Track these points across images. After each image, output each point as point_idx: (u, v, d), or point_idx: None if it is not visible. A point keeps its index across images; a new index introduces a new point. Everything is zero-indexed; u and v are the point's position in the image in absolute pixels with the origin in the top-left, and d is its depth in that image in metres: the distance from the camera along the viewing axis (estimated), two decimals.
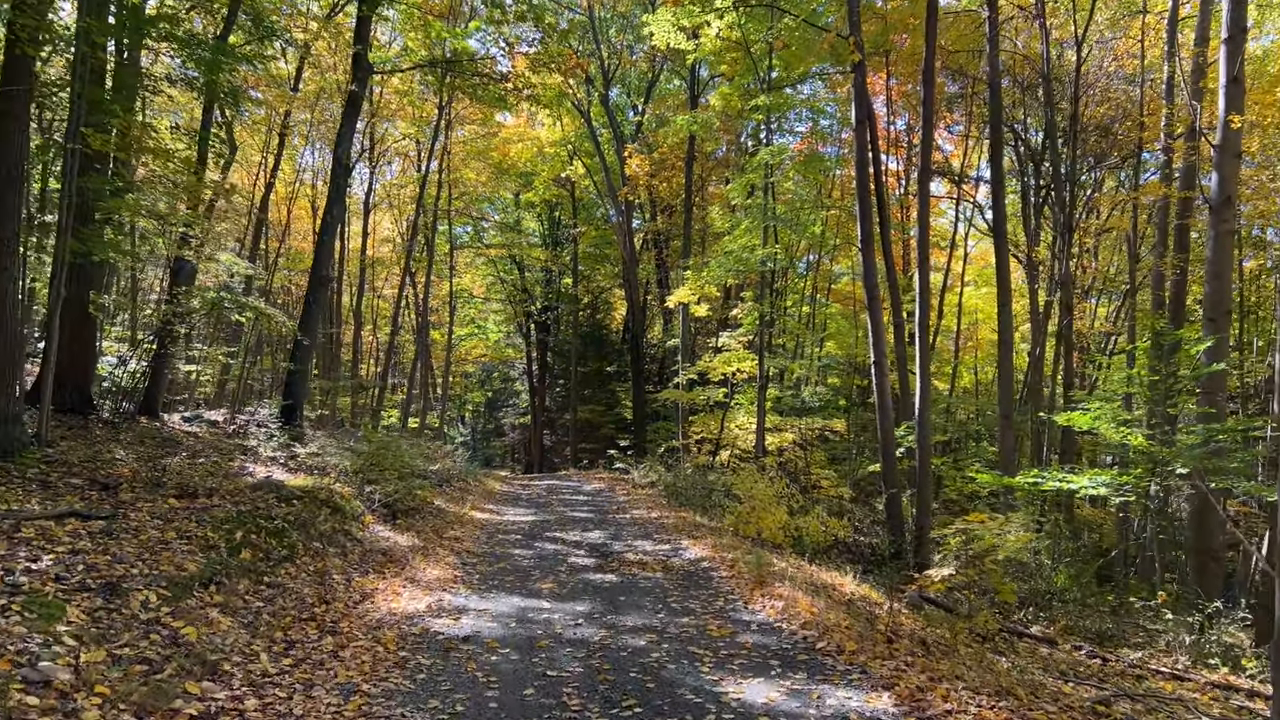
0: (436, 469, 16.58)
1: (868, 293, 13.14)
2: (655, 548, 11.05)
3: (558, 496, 17.97)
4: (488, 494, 17.84)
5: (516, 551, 10.57)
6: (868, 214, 13.37)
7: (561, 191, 35.32)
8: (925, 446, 12.83)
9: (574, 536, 11.93)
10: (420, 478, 14.98)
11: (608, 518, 14.24)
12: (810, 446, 21.19)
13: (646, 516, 14.28)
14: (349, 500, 10.66)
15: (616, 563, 9.94)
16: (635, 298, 29.70)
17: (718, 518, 14.19)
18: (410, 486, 12.69)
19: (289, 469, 12.40)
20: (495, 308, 43.58)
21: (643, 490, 18.53)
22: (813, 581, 9.15)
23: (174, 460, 11.21)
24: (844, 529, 12.67)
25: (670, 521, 13.40)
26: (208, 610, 6.11)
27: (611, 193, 29.30)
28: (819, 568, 11.07)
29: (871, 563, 12.54)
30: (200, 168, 18.94)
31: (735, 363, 19.49)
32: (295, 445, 13.62)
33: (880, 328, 13.22)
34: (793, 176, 20.33)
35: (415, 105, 28.56)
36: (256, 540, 7.97)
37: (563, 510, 15.31)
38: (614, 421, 35.10)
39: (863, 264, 13.30)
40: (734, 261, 18.27)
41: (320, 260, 18.24)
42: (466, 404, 55.53)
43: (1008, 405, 15.94)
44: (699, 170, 28.38)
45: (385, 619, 6.94)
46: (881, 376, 13.01)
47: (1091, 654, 10.16)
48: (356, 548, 9.32)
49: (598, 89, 28.54)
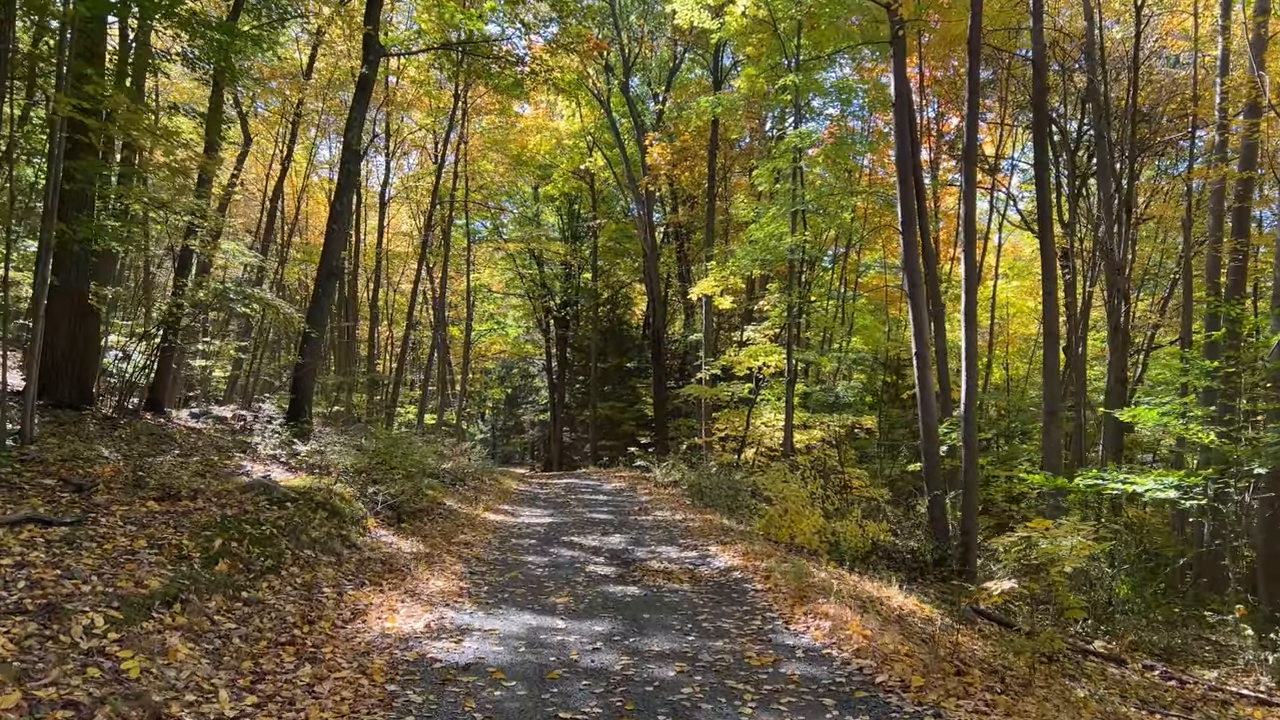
0: (449, 468, 15.71)
1: (908, 278, 12.11)
2: (681, 555, 10.09)
3: (577, 496, 17.05)
4: (503, 494, 16.94)
5: (530, 558, 9.64)
6: (909, 192, 12.33)
7: (581, 184, 34.41)
8: (971, 445, 11.79)
9: (593, 541, 10.99)
10: (431, 477, 14.11)
11: (629, 520, 13.29)
12: (839, 444, 20.14)
13: (670, 519, 13.32)
14: (350, 502, 9.77)
15: (639, 572, 8.99)
16: (656, 291, 28.73)
17: (746, 520, 13.20)
18: (418, 486, 11.81)
19: (289, 468, 11.54)
20: (514, 302, 42.75)
21: (665, 490, 17.56)
22: (857, 595, 8.15)
23: (164, 459, 10.38)
24: (883, 533, 11.66)
25: (696, 524, 12.43)
26: (166, 635, 5.21)
27: (632, 184, 28.34)
28: (860, 577, 10.07)
29: (914, 570, 11.53)
30: (209, 155, 18.24)
31: (762, 356, 18.49)
32: (296, 443, 12.77)
33: (923, 316, 12.19)
34: (821, 163, 19.28)
35: (432, 96, 27.74)
36: (238, 549, 7.08)
37: (581, 511, 14.38)
38: (634, 418, 34.17)
39: (903, 248, 12.28)
40: (760, 251, 17.25)
41: (330, 250, 17.41)
42: (486, 401, 54.81)
43: (1053, 401, 14.84)
44: (721, 160, 27.37)
45: (376, 642, 6.02)
46: (924, 369, 11.98)
47: (1165, 674, 9.11)
48: (354, 555, 8.42)
49: (617, 77, 27.57)
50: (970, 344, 11.86)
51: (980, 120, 28.67)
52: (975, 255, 12.03)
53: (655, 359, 29.42)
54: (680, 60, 29.45)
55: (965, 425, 11.81)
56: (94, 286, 14.87)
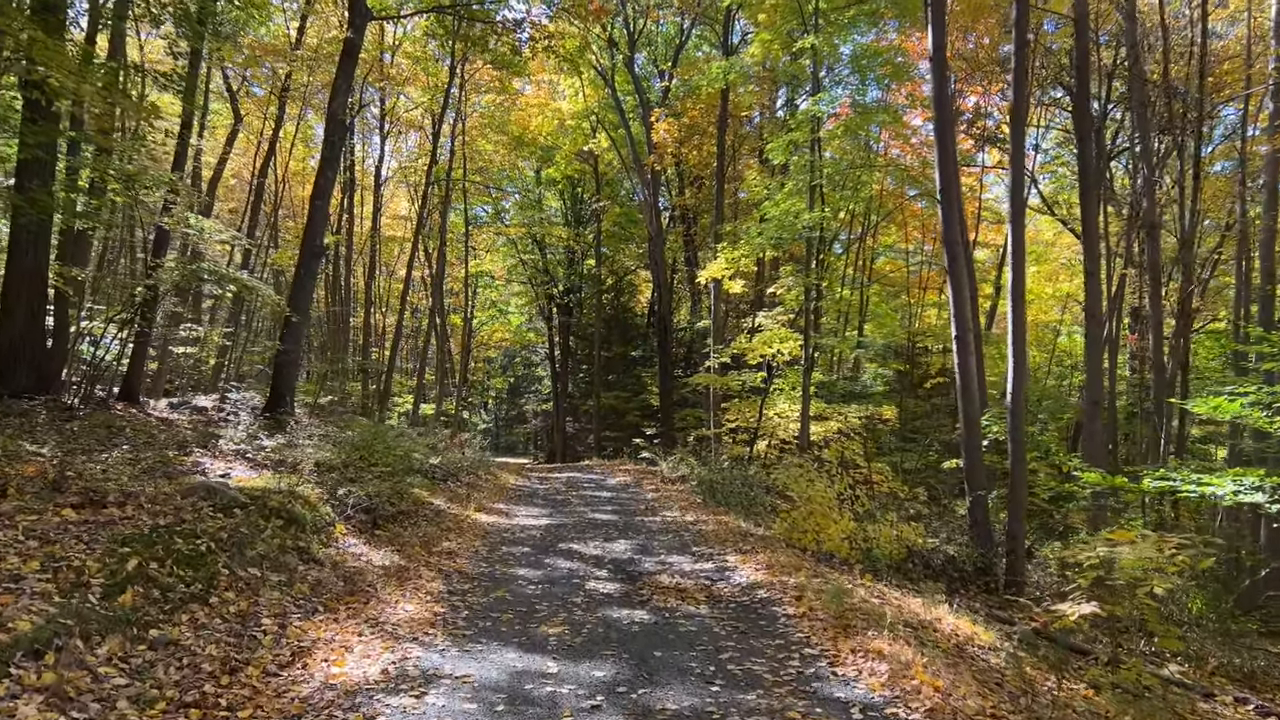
0: (438, 462, 14.34)
1: (948, 252, 10.68)
2: (695, 566, 8.71)
3: (578, 493, 15.69)
4: (499, 490, 15.59)
5: (521, 572, 8.26)
6: (948, 155, 10.89)
7: (584, 166, 32.93)
8: (1019, 438, 10.38)
9: (594, 549, 9.62)
10: (418, 474, 12.75)
11: (634, 521, 11.92)
12: (856, 436, 18.76)
13: (680, 520, 11.95)
14: (315, 506, 8.41)
15: (648, 590, 7.62)
16: (662, 276, 27.29)
17: (765, 523, 11.83)
18: (400, 485, 10.43)
19: (254, 464, 10.19)
20: (516, 289, 41.34)
21: (673, 486, 16.20)
22: (906, 619, 6.78)
23: (109, 456, 9.03)
24: (918, 536, 10.29)
25: (709, 528, 11.06)
26: (18, 703, 3.85)
27: (637, 164, 26.86)
28: (901, 592, 8.71)
29: (955, 580, 10.16)
30: (185, 131, 16.84)
31: (776, 343, 17.07)
32: (262, 437, 11.41)
33: (964, 293, 10.76)
34: (840, 135, 17.83)
35: (430, 72, 26.29)
36: (158, 571, 5.72)
37: (583, 511, 13.01)
38: (639, 408, 32.78)
39: (941, 219, 10.86)
40: (776, 229, 15.81)
41: (313, 228, 16.04)
42: (489, 390, 53.50)
43: (1096, 390, 13.41)
44: (730, 139, 25.86)
45: (314, 698, 4.65)
46: (966, 354, 10.57)
47: (1263, 710, 7.72)
48: (311, 573, 7.05)
49: (622, 51, 26.07)
50: (1018, 326, 10.46)
51: (1000, 98, 27.27)
52: (1024, 228, 10.58)
53: (661, 347, 28.00)
54: (688, 35, 27.94)
55: (1012, 417, 10.40)
56: (58, 267, 13.57)
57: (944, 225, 10.85)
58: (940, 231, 11.44)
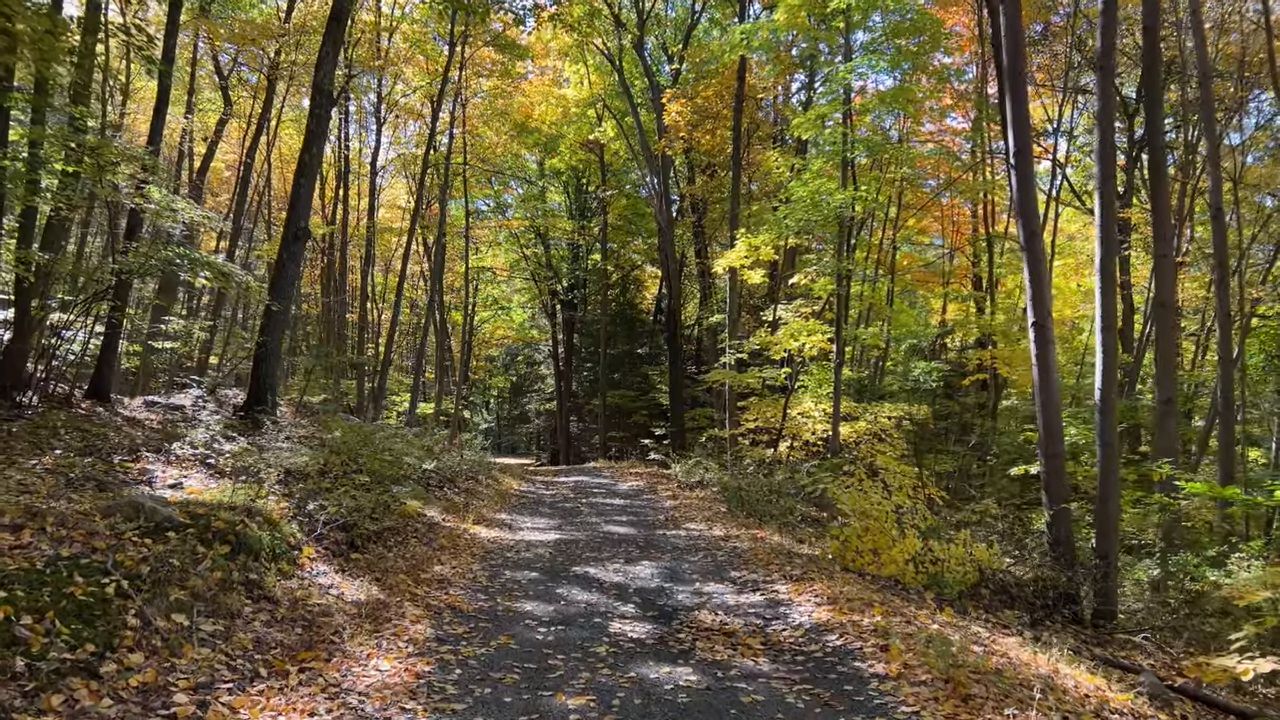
0: (433, 467, 12.69)
1: (1023, 224, 9.05)
2: (740, 598, 7.08)
3: (588, 500, 14.08)
4: (500, 497, 13.96)
5: (528, 607, 6.64)
6: (1021, 108, 9.23)
7: (589, 156, 31.32)
8: (1110, 440, 8.76)
9: (615, 574, 7.99)
10: (409, 480, 11.12)
11: (656, 536, 10.29)
12: (888, 438, 17.11)
13: (708, 535, 10.32)
14: (277, 525, 6.78)
15: (687, 633, 6.00)
16: (671, 268, 25.64)
17: (806, 538, 10.21)
18: (384, 497, 8.80)
19: (213, 472, 8.57)
20: (519, 285, 39.73)
21: (692, 493, 14.58)
22: (1024, 678, 5.16)
23: (36, 463, 7.44)
24: (991, 557, 8.68)
25: (745, 545, 9.43)
26: None
27: (645, 150, 25.23)
28: (984, 624, 7.11)
29: (1037, 608, 8.55)
30: (162, 106, 15.20)
31: (803, 336, 15.44)
32: (231, 439, 9.80)
33: (1042, 271, 9.12)
34: (874, 111, 16.18)
35: (428, 54, 24.69)
36: (31, 629, 4.10)
37: (595, 522, 11.39)
38: (647, 408, 31.15)
39: (1014, 184, 9.22)
40: (805, 210, 14.21)
41: (296, 208, 14.43)
42: (490, 389, 51.83)
43: (1169, 386, 11.75)
44: (745, 124, 24.20)
45: None
46: (1045, 342, 8.94)
47: None
48: (260, 616, 5.43)
49: (631, 31, 24.44)
50: (1108, 310, 8.86)
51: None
52: (1114, 196, 8.94)
53: (670, 343, 26.34)
54: (699, 16, 26.33)
55: (1102, 418, 8.79)
56: (16, 251, 11.98)
57: (1018, 194, 9.22)
58: (1013, 201, 9.81)
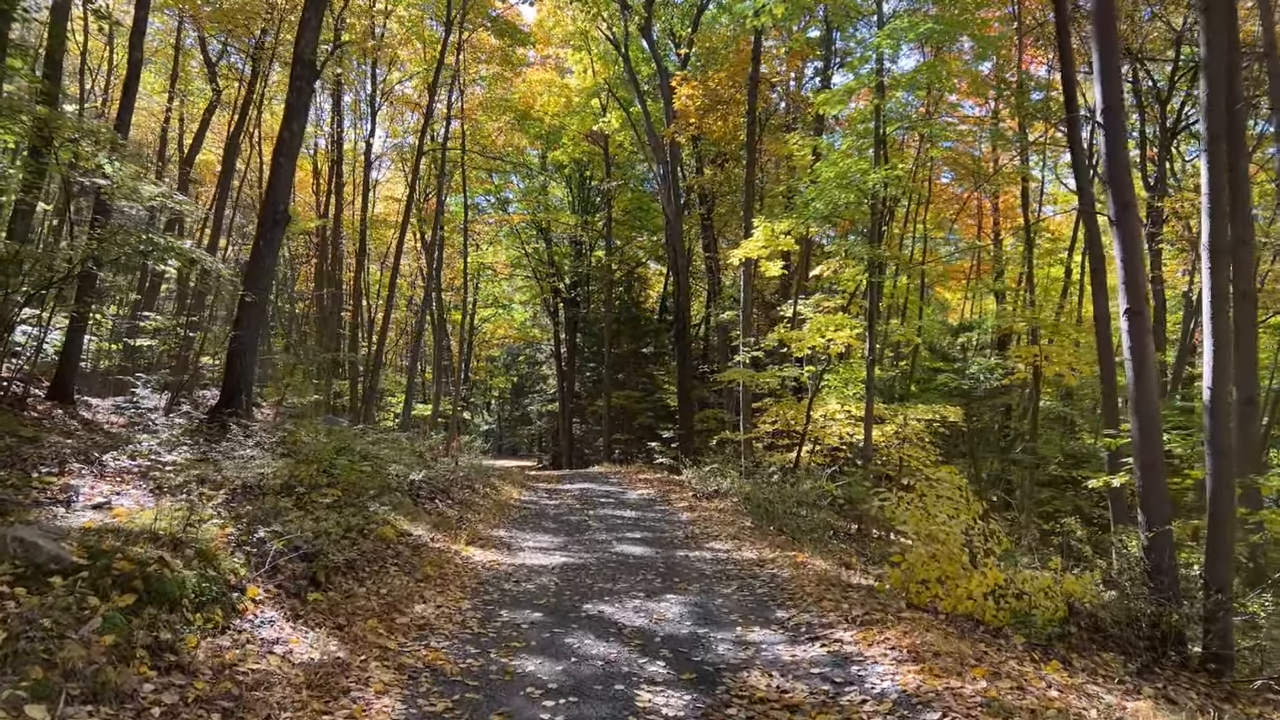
0: (422, 478, 11.18)
1: (1114, 194, 7.57)
2: (796, 651, 5.58)
3: (595, 512, 12.60)
4: (499, 509, 12.47)
5: (530, 667, 5.14)
6: (1111, 59, 7.74)
7: (593, 148, 29.83)
8: (1224, 448, 7.26)
9: (635, 614, 6.49)
10: (392, 493, 9.63)
11: (678, 559, 8.80)
12: (919, 442, 15.63)
13: (739, 558, 8.83)
14: (213, 560, 5.31)
15: (738, 709, 4.50)
16: (680, 261, 24.13)
17: (852, 560, 8.72)
18: (354, 520, 7.30)
19: (153, 489, 7.08)
20: (520, 283, 38.27)
21: (711, 504, 13.09)
22: None
23: None
24: (1081, 587, 7.21)
25: (784, 572, 7.93)
26: None
27: (653, 139, 23.76)
28: (1091, 679, 5.64)
29: (1138, 651, 7.08)
30: (132, 84, 13.72)
31: (830, 331, 13.95)
32: (171, 449, 8.32)
33: (1136, 248, 7.64)
34: (905, 90, 14.67)
35: (426, 42, 23.23)
36: None
37: (606, 541, 9.89)
38: (652, 409, 29.67)
39: (1105, 148, 7.72)
40: (833, 191, 12.73)
41: (275, 190, 12.98)
42: (491, 390, 50.32)
43: (1251, 384, 10.23)
44: (758, 108, 22.72)
45: None
46: (1141, 332, 7.45)
47: None
48: (164, 697, 3.93)
49: (639, 13, 22.95)
50: (1218, 294, 7.40)
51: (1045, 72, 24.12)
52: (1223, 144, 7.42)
53: (678, 341, 24.86)
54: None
55: (1211, 420, 7.30)
56: None
57: (1107, 158, 7.76)
58: (1102, 169, 8.30)
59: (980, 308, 29.99)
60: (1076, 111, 11.06)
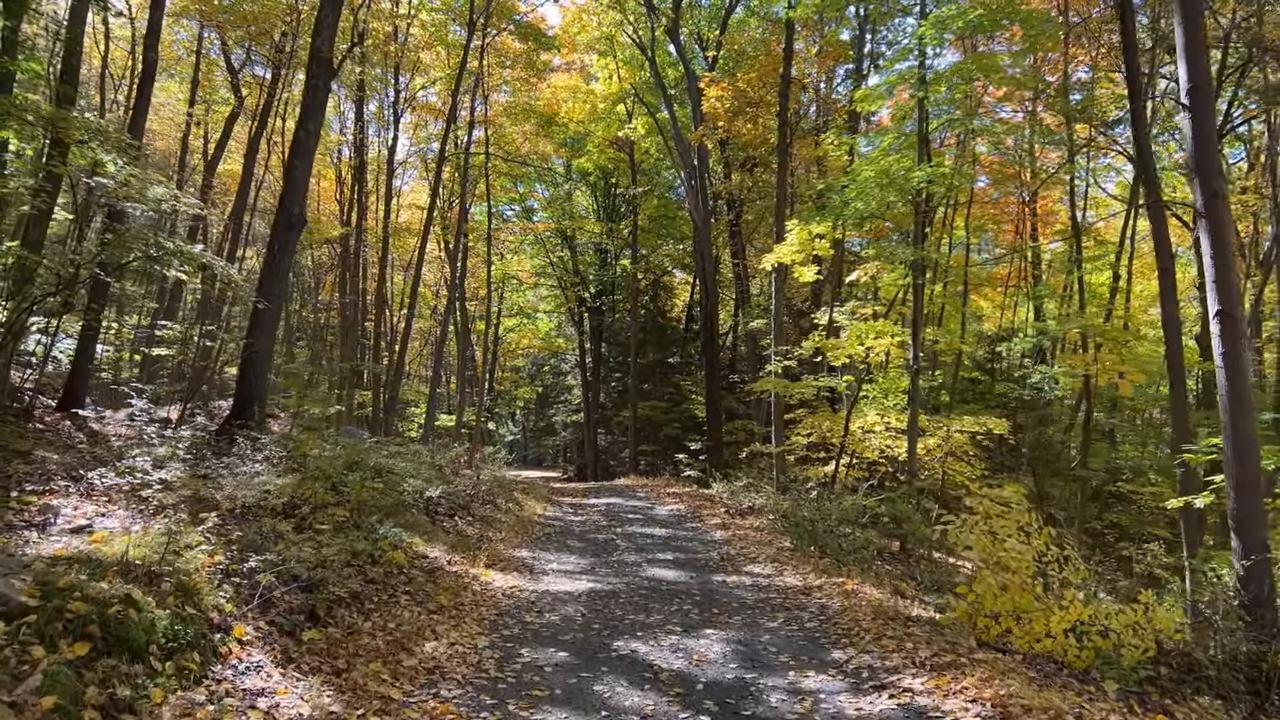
0: (439, 494, 10.49)
1: (1202, 186, 6.71)
2: (861, 702, 4.79)
3: (623, 529, 11.85)
4: (522, 525, 11.77)
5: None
6: (1196, 35, 6.94)
7: (619, 155, 29.21)
8: None
9: (672, 653, 5.73)
10: (408, 511, 8.96)
11: (715, 585, 8.04)
12: (963, 455, 14.75)
13: (782, 584, 8.04)
14: (194, 595, 4.64)
15: None
16: (708, 268, 23.38)
17: (906, 588, 7.90)
18: (360, 545, 6.61)
19: (141, 510, 6.44)
20: (544, 293, 37.69)
21: (745, 521, 12.30)
22: None
23: None
24: (1172, 624, 6.37)
25: (834, 603, 7.14)
26: None
27: (680, 143, 23.09)
28: None
29: (1242, 695, 6.23)
30: (147, 84, 13.25)
31: (871, 338, 13.15)
32: (170, 464, 7.69)
33: (1226, 243, 6.78)
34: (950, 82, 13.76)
35: (449, 47, 22.75)
36: None
37: (635, 563, 9.15)
38: (679, 420, 28.82)
39: (1191, 132, 6.86)
40: (875, 189, 11.93)
41: (290, 193, 12.42)
42: (516, 400, 49.75)
43: None
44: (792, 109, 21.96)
45: None
46: (1235, 337, 6.59)
47: None
48: None
49: (665, 15, 22.33)
50: None
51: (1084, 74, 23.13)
52: None
53: (706, 350, 24.08)
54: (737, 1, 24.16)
55: None
56: None
57: (1193, 143, 6.94)
58: (1188, 155, 7.45)
59: (1016, 316, 28.94)
60: (1141, 101, 10.22)
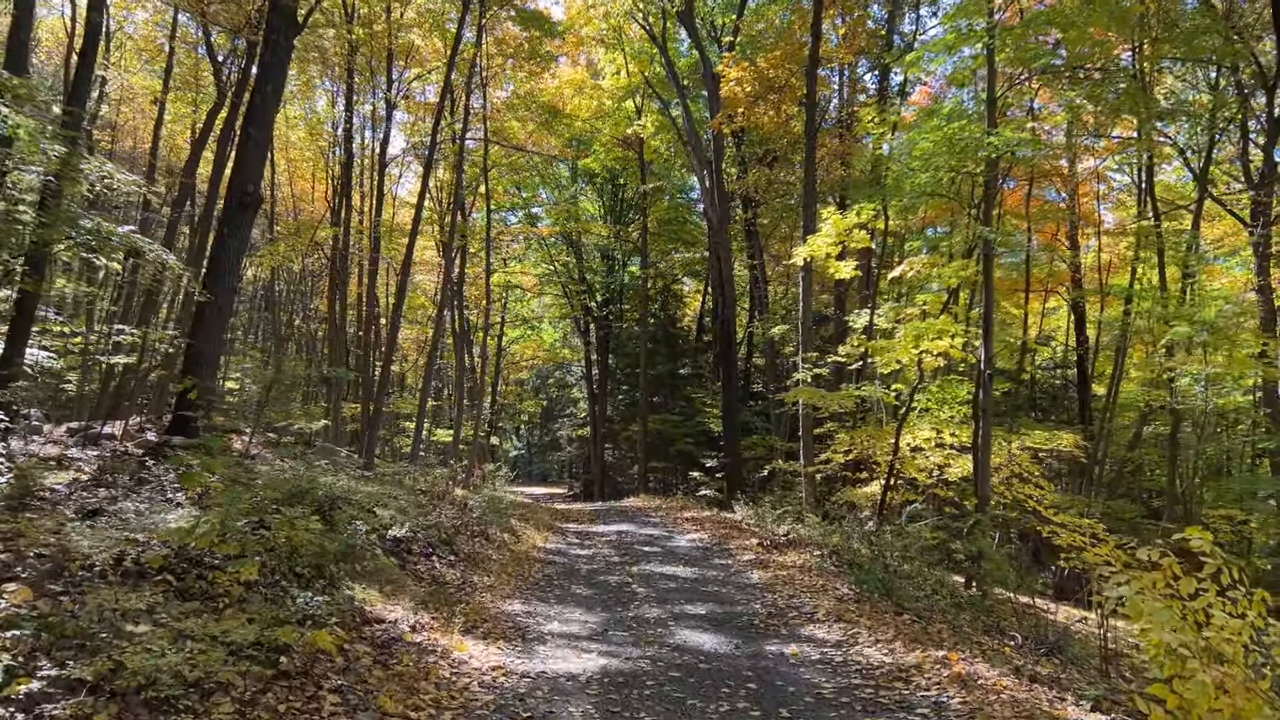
0: (407, 532, 8.29)
1: None
2: None
3: (639, 568, 9.65)
4: (517, 564, 9.58)
5: None
6: None
7: (627, 154, 27.21)
8: None
9: None
10: (360, 557, 6.78)
11: (769, 659, 5.85)
12: (1032, 478, 12.56)
13: (862, 658, 5.84)
14: None
15: None
16: (725, 270, 21.24)
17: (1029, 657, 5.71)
18: (259, 636, 4.45)
19: None
20: (549, 301, 35.62)
21: (784, 556, 10.08)
22: None
23: None
24: None
25: (950, 693, 4.94)
26: None
27: (693, 138, 21.05)
28: None
29: None
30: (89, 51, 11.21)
31: (929, 339, 11.01)
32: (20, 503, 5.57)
33: None
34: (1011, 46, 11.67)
35: (440, 30, 20.79)
36: None
37: (660, 620, 6.96)
38: (691, 434, 26.58)
39: None
40: (942, 158, 9.83)
41: (243, 168, 10.36)
42: (520, 414, 47.53)
43: None
44: None
45: None
46: None
47: None
48: None
49: None
50: None
51: None
52: None
53: (723, 358, 21.90)
54: None
55: None
56: None
57: None
58: None
59: (1048, 323, 26.79)
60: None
